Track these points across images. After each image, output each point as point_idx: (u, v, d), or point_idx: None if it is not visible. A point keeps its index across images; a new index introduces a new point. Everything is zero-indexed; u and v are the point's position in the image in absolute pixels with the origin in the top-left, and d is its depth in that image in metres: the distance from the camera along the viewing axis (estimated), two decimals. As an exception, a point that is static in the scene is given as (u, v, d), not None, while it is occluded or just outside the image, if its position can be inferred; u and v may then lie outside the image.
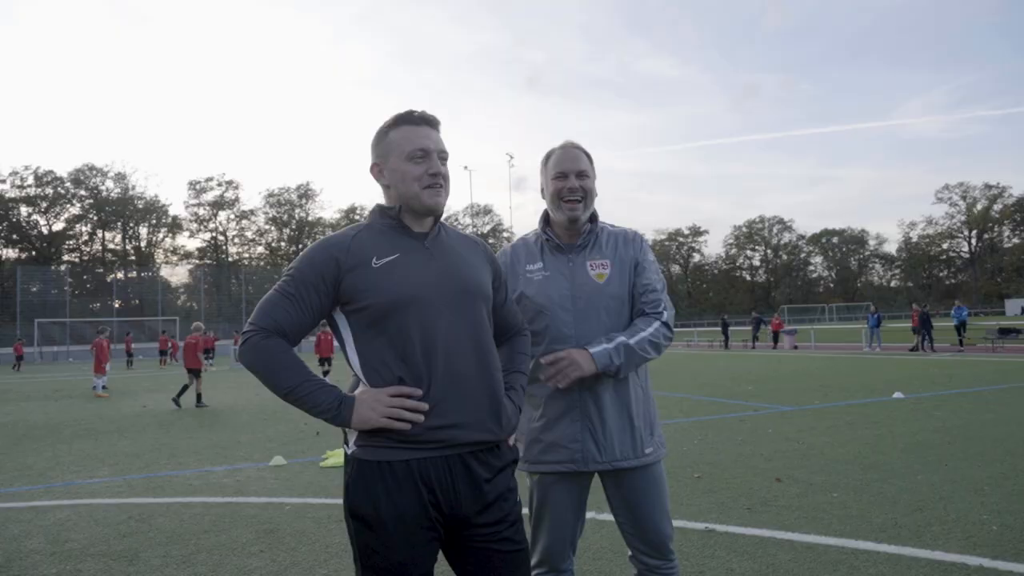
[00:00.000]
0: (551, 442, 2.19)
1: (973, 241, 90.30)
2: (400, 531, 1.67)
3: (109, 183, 72.36)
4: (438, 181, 1.78)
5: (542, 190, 2.32)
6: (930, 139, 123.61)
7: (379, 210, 1.86)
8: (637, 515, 2.24)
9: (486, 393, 1.77)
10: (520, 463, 2.20)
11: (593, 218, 2.29)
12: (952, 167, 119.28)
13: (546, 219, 2.32)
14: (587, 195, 2.23)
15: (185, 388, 13.52)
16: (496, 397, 1.80)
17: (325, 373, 16.06)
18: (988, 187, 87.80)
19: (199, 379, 13.65)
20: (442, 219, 1.91)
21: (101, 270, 67.73)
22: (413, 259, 1.77)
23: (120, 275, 67.26)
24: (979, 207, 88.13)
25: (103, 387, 16.69)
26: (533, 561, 2.29)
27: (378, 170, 1.84)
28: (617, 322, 2.21)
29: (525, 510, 2.00)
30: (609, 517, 4.58)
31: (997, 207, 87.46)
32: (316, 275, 1.73)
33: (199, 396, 13.45)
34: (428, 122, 1.82)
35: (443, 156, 1.82)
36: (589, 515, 4.71)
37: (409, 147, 1.77)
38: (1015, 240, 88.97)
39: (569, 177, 2.20)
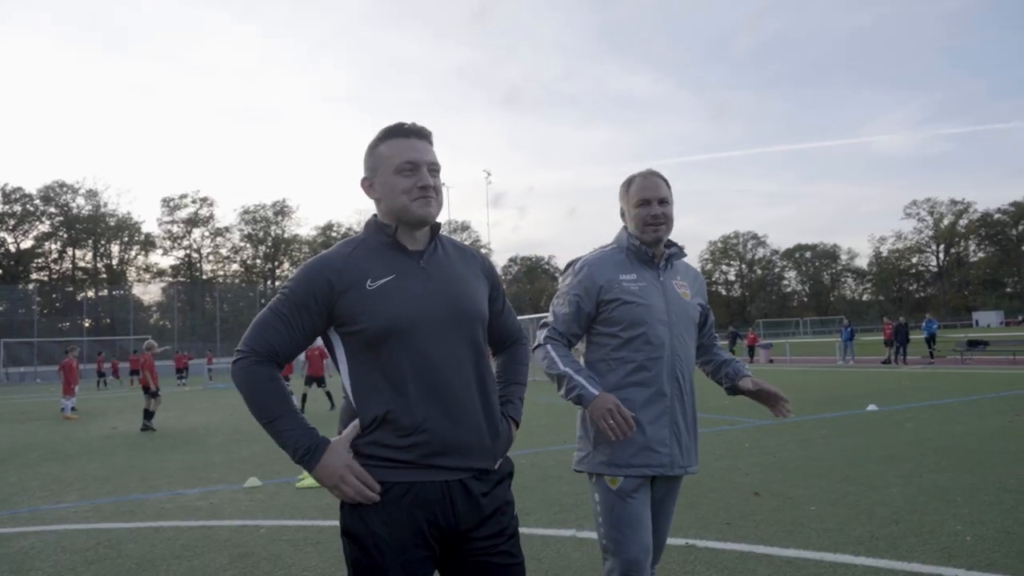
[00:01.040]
0: (645, 445, 2.28)
1: (941, 255, 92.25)
2: (395, 552, 1.65)
3: (80, 200, 71.11)
4: (428, 193, 1.74)
5: (622, 214, 2.49)
6: (898, 156, 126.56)
7: (375, 226, 1.81)
8: (664, 522, 2.42)
9: (483, 419, 1.77)
10: (605, 466, 2.30)
11: (669, 243, 2.49)
12: (919, 183, 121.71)
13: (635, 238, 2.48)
14: (668, 220, 2.40)
15: (146, 411, 13.02)
16: (493, 422, 1.80)
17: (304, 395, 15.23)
18: (954, 203, 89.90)
19: (155, 399, 13.07)
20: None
21: (71, 289, 66.41)
22: (409, 281, 1.74)
23: (91, 294, 66.01)
24: (946, 222, 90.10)
25: (72, 408, 16.30)
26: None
27: (368, 184, 1.82)
28: (694, 336, 2.48)
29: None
30: (592, 535, 4.57)
31: (963, 222, 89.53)
32: (309, 296, 1.71)
33: (150, 415, 12.87)
34: (418, 134, 1.78)
35: (433, 168, 1.78)
36: (569, 532, 4.70)
37: (398, 160, 1.74)
38: (980, 254, 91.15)
39: (652, 204, 2.37)
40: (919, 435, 8.08)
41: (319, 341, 1.85)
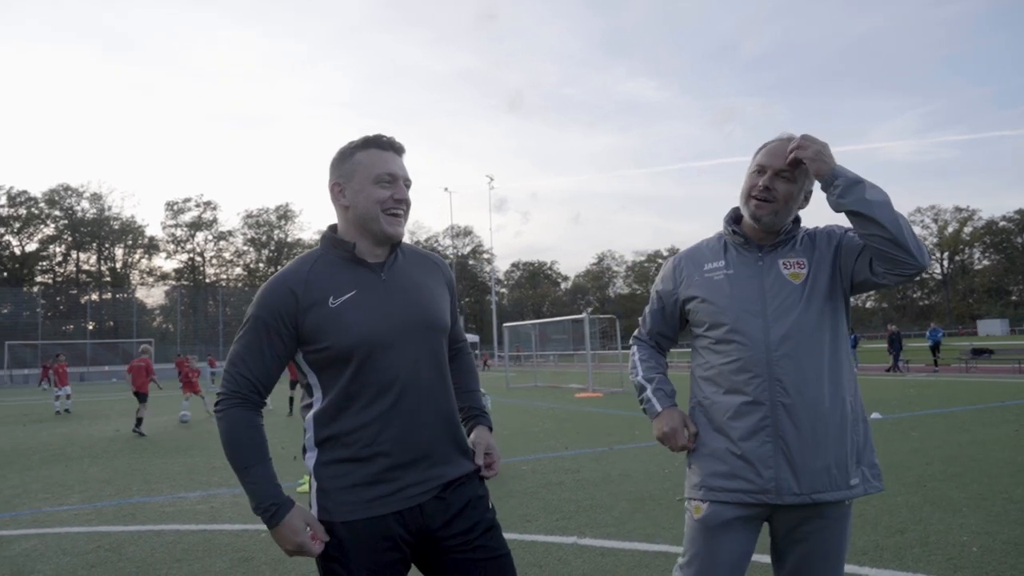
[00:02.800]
0: (737, 466, 1.89)
1: (945, 263, 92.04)
2: (363, 557, 1.68)
3: (84, 203, 71.43)
4: (401, 207, 1.78)
5: None
6: (902, 163, 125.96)
7: (332, 240, 1.81)
8: (814, 570, 1.91)
9: (444, 430, 1.80)
10: (696, 488, 1.98)
11: (797, 221, 2.04)
12: (923, 190, 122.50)
13: (736, 218, 2.07)
14: (778, 200, 1.93)
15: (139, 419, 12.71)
16: (454, 432, 1.84)
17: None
18: (958, 210, 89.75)
19: (143, 404, 12.97)
20: (409, 241, 1.90)
21: (75, 292, 66.53)
22: (371, 296, 1.75)
23: (95, 296, 66.17)
24: (950, 230, 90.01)
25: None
26: None
27: (339, 189, 1.79)
28: (819, 328, 1.90)
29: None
30: (594, 542, 4.54)
31: (967, 230, 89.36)
32: (274, 318, 1.70)
33: (139, 421, 12.62)
34: (395, 149, 1.80)
35: (408, 184, 1.82)
36: (571, 540, 4.66)
37: (377, 170, 1.75)
38: (985, 262, 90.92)
39: (765, 173, 1.94)
40: (924, 444, 8.04)
41: None
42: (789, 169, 1.92)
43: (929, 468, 6.60)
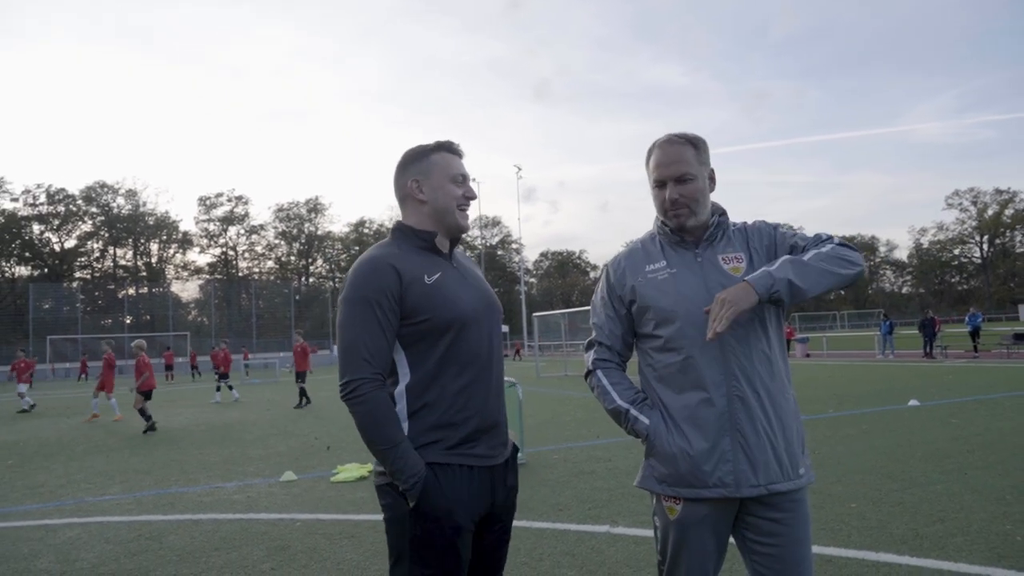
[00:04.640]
0: (697, 461, 1.88)
1: (985, 247, 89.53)
2: (459, 526, 1.81)
3: (120, 200, 72.92)
4: (469, 204, 2.01)
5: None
6: (939, 144, 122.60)
7: (410, 231, 1.97)
8: (784, 556, 1.92)
9: (503, 405, 2.00)
10: (656, 482, 1.99)
11: (719, 211, 2.05)
12: (962, 172, 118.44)
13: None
14: (692, 201, 1.95)
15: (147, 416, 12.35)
16: (504, 411, 2.04)
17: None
18: (999, 192, 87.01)
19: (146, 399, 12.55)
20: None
21: (112, 286, 68.10)
22: (452, 278, 1.94)
23: (131, 291, 67.66)
24: (990, 212, 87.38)
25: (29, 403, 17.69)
26: None
27: (417, 186, 1.98)
28: (763, 321, 1.94)
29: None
30: (627, 531, 4.53)
31: (1008, 212, 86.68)
32: (382, 294, 1.81)
33: (142, 413, 12.34)
34: (461, 153, 2.04)
35: (472, 183, 2.08)
36: (603, 528, 4.66)
37: (452, 171, 1.98)
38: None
39: (667, 186, 1.96)
40: (964, 431, 7.85)
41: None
42: (685, 170, 1.95)
43: (970, 456, 6.44)
